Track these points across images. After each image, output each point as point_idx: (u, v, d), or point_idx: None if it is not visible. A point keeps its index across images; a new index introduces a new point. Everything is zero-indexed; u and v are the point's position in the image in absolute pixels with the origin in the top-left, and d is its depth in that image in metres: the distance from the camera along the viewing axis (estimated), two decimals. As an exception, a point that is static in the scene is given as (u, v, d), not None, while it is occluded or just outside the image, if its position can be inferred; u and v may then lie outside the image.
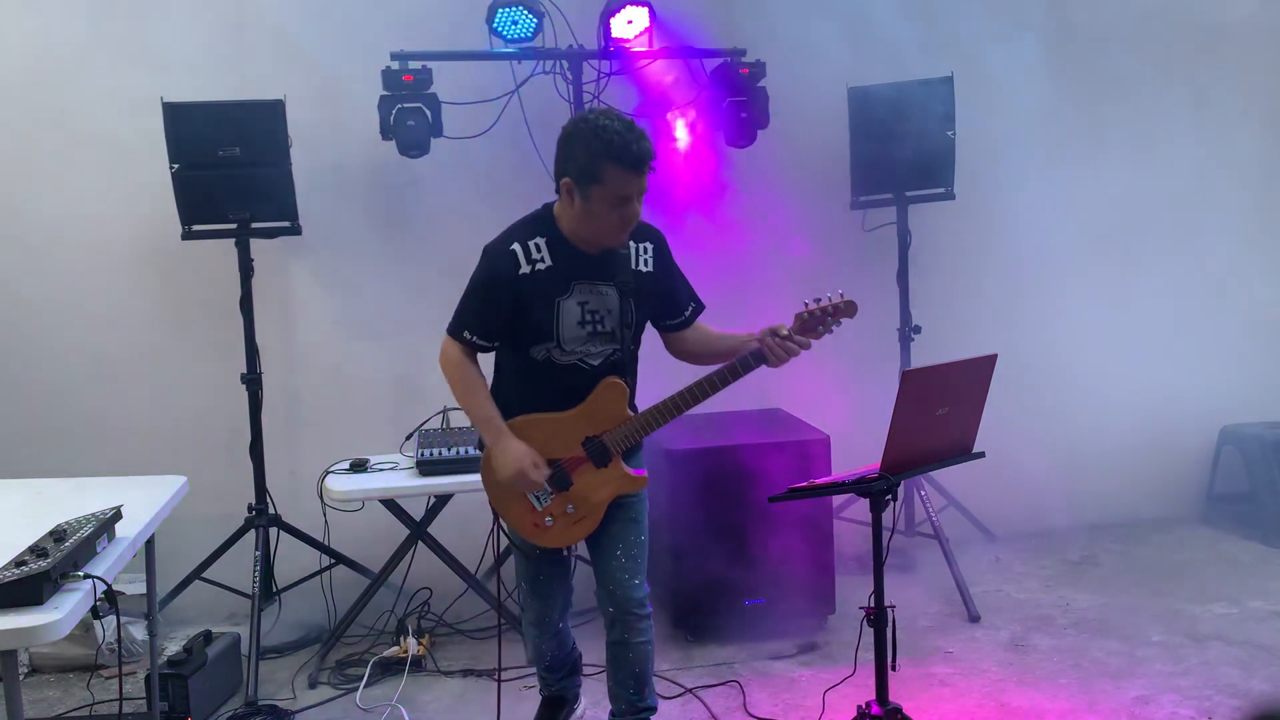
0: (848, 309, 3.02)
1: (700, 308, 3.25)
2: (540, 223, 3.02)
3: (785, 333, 3.00)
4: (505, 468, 3.00)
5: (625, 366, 3.05)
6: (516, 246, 2.97)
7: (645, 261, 3.09)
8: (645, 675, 3.20)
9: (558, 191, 2.98)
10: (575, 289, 2.99)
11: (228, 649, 4.06)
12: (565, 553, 3.28)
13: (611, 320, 3.02)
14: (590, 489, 3.08)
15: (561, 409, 3.05)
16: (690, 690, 3.90)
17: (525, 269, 2.96)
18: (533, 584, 3.29)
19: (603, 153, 2.82)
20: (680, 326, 3.23)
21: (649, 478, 3.20)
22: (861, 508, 3.25)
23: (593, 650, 3.74)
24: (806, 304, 3.02)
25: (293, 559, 4.58)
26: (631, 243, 3.05)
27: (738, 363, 3.02)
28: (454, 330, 3.04)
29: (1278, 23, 5.64)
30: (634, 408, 3.14)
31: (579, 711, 3.58)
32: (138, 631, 4.27)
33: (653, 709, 3.26)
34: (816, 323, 3.01)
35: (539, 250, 2.97)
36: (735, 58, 4.77)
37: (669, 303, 3.19)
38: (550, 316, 2.97)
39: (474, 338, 3.02)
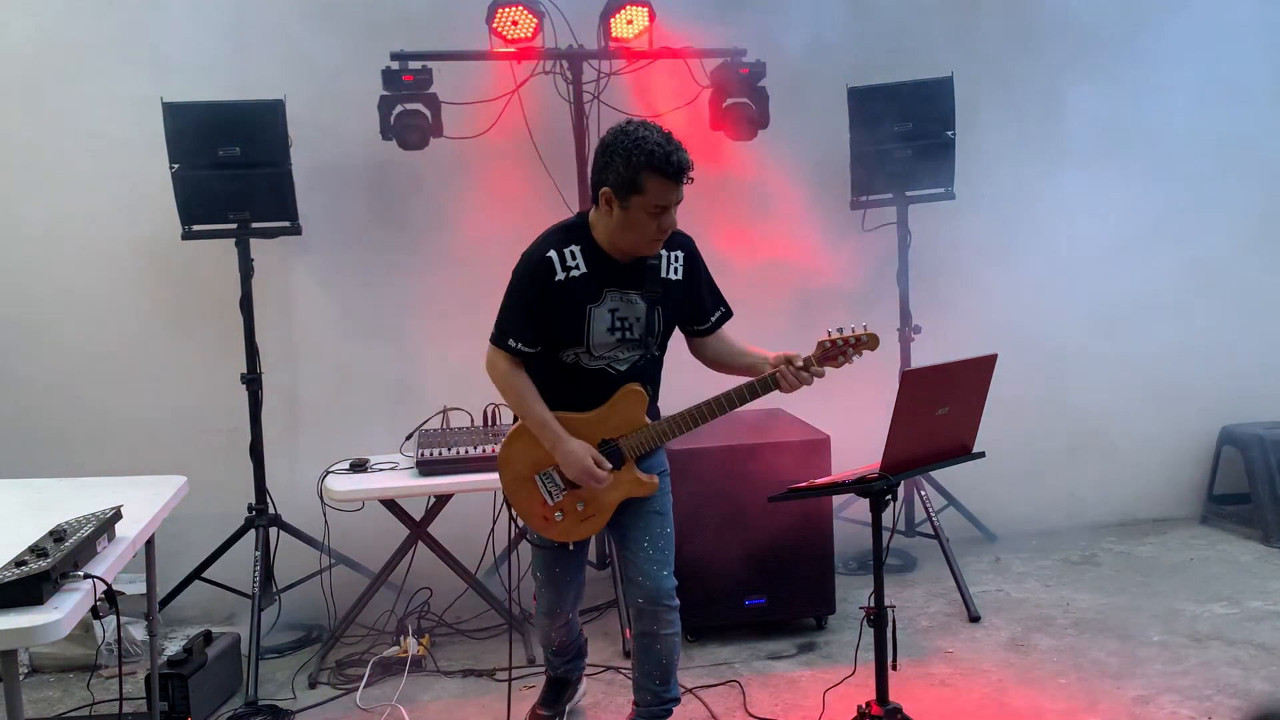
0: (870, 342, 3.06)
1: (727, 315, 3.29)
2: (575, 230, 3.07)
3: (800, 363, 3.04)
4: (570, 468, 3.07)
5: (650, 373, 3.15)
6: (553, 254, 3.02)
7: (675, 270, 3.13)
8: (671, 667, 3.27)
9: (595, 201, 3.00)
10: (607, 296, 3.05)
11: (228, 649, 4.06)
12: (571, 547, 3.29)
13: (639, 328, 3.08)
14: (602, 490, 3.13)
15: (583, 409, 3.11)
16: (690, 690, 3.89)
17: (561, 275, 3.01)
18: (548, 575, 3.34)
19: (644, 163, 2.85)
20: (705, 333, 3.27)
21: (671, 472, 3.30)
22: (861, 508, 3.25)
23: (595, 650, 3.75)
24: (830, 333, 3.06)
25: (293, 559, 4.58)
26: (664, 251, 3.09)
27: (756, 384, 3.07)
28: (498, 340, 3.07)
29: (1278, 22, 5.64)
30: (656, 412, 3.21)
31: (581, 690, 3.73)
32: (138, 631, 4.27)
33: (676, 700, 3.33)
34: (838, 352, 3.05)
35: (574, 258, 3.02)
36: (735, 58, 4.76)
37: (695, 309, 3.23)
38: (582, 323, 3.03)
39: (519, 345, 3.05)
